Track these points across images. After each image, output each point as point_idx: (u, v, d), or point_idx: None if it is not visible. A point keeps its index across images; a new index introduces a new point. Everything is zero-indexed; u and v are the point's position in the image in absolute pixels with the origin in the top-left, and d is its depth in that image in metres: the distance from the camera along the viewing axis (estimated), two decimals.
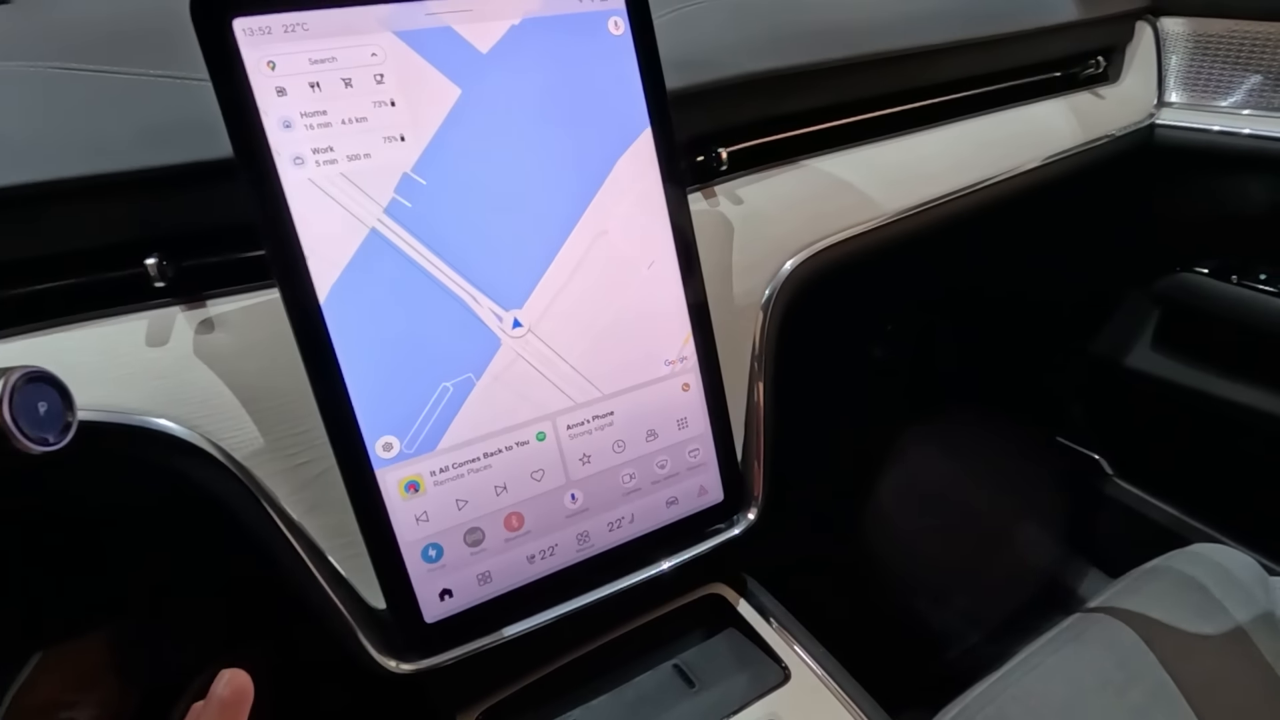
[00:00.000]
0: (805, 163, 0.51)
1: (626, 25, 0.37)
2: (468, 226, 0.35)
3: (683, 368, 0.42)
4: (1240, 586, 0.60)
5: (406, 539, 0.36)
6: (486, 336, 0.36)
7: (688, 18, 0.45)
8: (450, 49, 0.34)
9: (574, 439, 0.39)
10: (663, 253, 0.40)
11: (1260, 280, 0.70)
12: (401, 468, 0.35)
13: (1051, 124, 0.65)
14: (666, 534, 0.43)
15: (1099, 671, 0.54)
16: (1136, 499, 0.89)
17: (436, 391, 0.35)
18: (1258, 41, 0.65)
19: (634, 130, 0.38)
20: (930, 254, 0.71)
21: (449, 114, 0.34)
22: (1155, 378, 0.80)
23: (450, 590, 0.37)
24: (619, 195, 0.38)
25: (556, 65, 0.36)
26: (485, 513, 0.37)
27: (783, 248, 0.48)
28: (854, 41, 0.51)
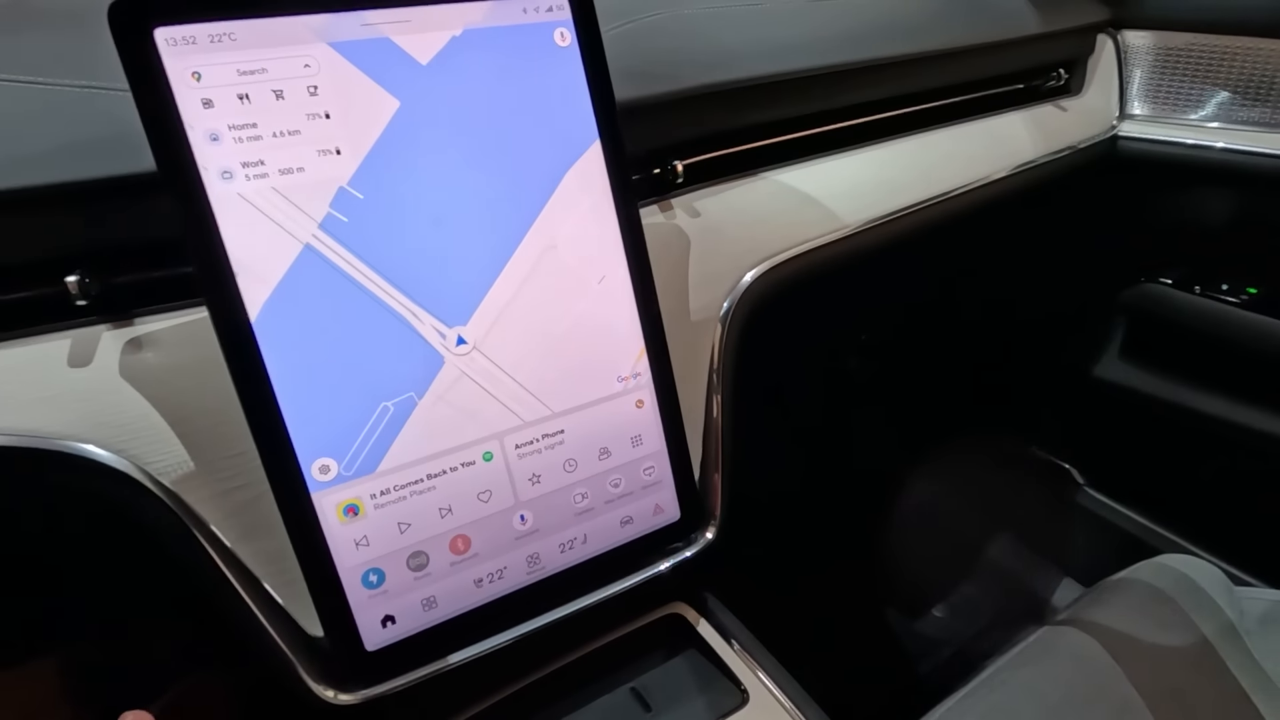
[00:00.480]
0: (766, 175, 0.51)
1: (573, 36, 0.37)
2: (408, 241, 0.34)
3: (636, 384, 0.41)
4: (1205, 597, 0.60)
5: (345, 564, 0.34)
6: (428, 354, 0.35)
7: (643, 29, 0.45)
8: (388, 60, 0.33)
9: (523, 459, 0.38)
10: (614, 267, 0.39)
11: (1222, 290, 0.71)
12: (339, 491, 0.34)
13: (1014, 136, 0.65)
14: (621, 554, 0.42)
15: (1064, 686, 0.54)
16: (1108, 508, 0.89)
17: (376, 411, 0.34)
18: (1216, 55, 0.66)
19: (582, 143, 0.38)
20: (895, 266, 0.71)
21: (387, 127, 0.33)
22: (1123, 387, 0.80)
23: (393, 616, 0.36)
24: (567, 208, 0.38)
25: (500, 77, 0.35)
26: (429, 536, 0.36)
27: (741, 260, 0.48)
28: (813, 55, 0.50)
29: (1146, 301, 0.76)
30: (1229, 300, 0.71)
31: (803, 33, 0.51)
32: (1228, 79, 0.67)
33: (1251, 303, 0.69)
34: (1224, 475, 0.78)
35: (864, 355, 0.82)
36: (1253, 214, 0.68)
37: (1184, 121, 0.70)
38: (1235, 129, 0.67)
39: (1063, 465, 0.93)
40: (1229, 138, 0.67)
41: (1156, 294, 0.74)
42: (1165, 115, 0.71)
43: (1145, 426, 0.82)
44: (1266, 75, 0.65)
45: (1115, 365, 0.82)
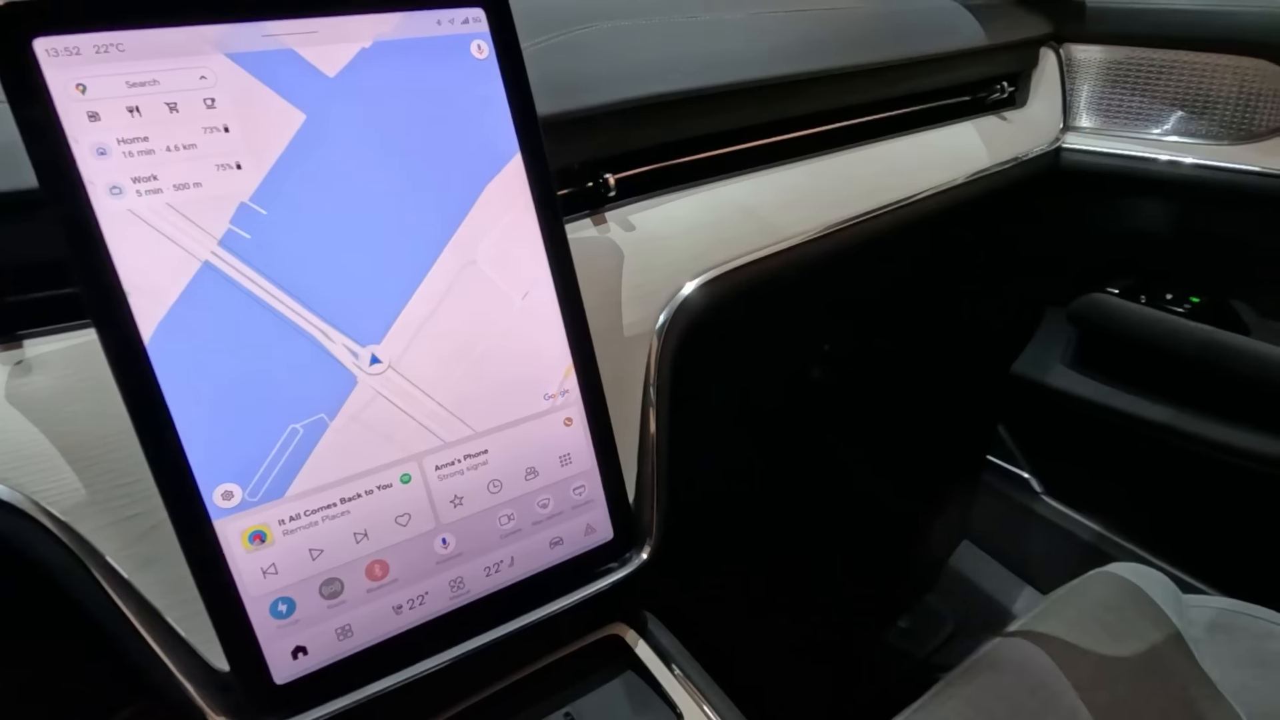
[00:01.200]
0: (705, 188, 0.51)
1: (491, 49, 0.36)
2: (316, 258, 0.33)
3: (564, 401, 0.40)
4: (1153, 606, 0.60)
5: (251, 594, 0.33)
6: (340, 374, 0.34)
7: (570, 43, 0.44)
8: (292, 73, 0.32)
9: (444, 480, 0.37)
10: (539, 282, 0.39)
11: (1167, 300, 0.72)
12: (244, 517, 0.32)
13: (959, 147, 0.65)
14: (551, 576, 0.41)
15: (1012, 699, 0.53)
16: (1064, 516, 0.90)
17: (284, 434, 0.33)
18: (1155, 68, 0.67)
19: (503, 156, 0.37)
20: (844, 278, 0.71)
21: (292, 141, 0.32)
22: (1075, 396, 0.81)
23: (304, 647, 0.34)
24: (488, 223, 0.37)
25: (413, 89, 0.34)
26: (343, 562, 0.35)
27: (679, 273, 0.47)
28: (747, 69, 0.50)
29: (1094, 311, 0.76)
30: (1174, 310, 0.72)
31: (739, 46, 0.51)
32: (1166, 92, 0.68)
33: (1195, 312, 0.70)
34: (1173, 482, 0.79)
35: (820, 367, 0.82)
36: (1194, 225, 0.69)
37: (1126, 134, 0.71)
38: (1175, 141, 0.68)
39: (1021, 474, 0.94)
40: (1170, 150, 0.68)
41: (1104, 304, 0.75)
42: (1108, 128, 0.72)
43: (1098, 435, 0.83)
44: (1203, 89, 0.66)
45: (1067, 374, 0.83)
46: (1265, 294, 0.68)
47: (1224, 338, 0.66)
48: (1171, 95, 0.68)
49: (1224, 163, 0.64)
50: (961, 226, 0.72)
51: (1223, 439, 0.70)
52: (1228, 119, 0.65)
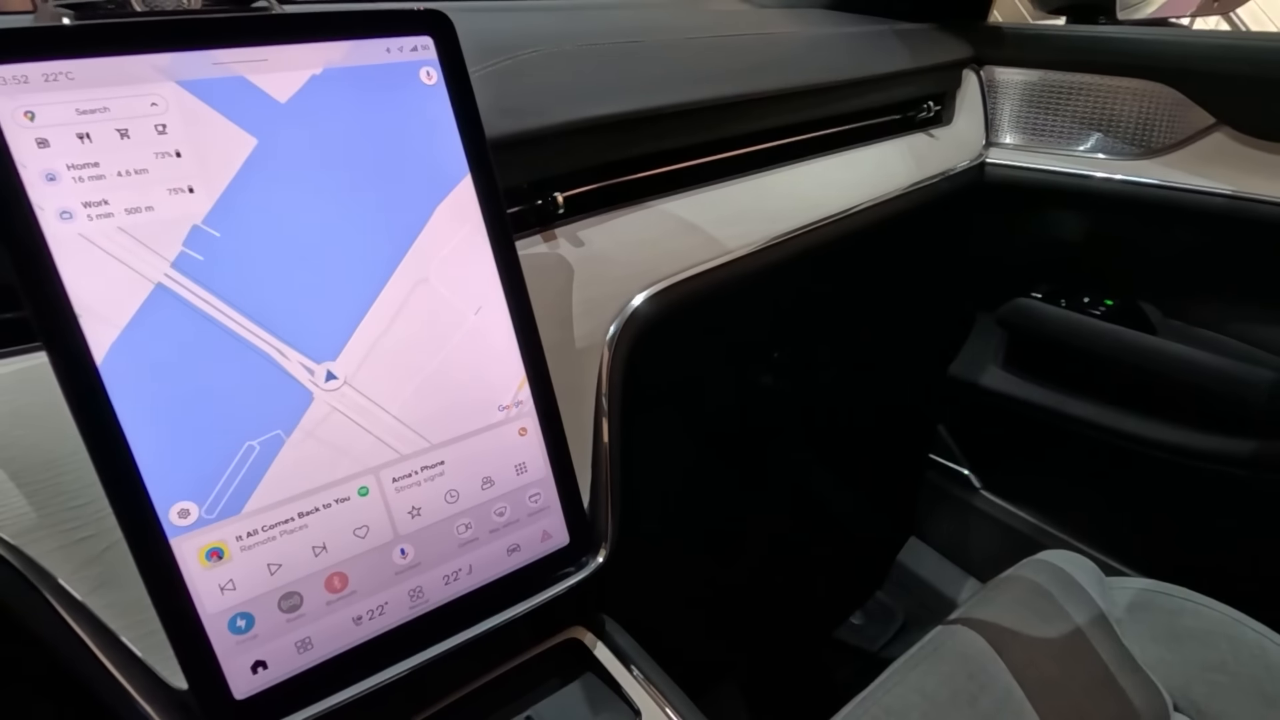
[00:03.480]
0: (651, 205, 0.53)
1: (439, 75, 0.38)
2: (271, 279, 0.34)
3: (519, 412, 0.41)
4: (1080, 590, 0.65)
5: (209, 611, 0.33)
6: (296, 391, 0.35)
7: (518, 66, 0.46)
8: (243, 99, 0.33)
9: (401, 492, 0.38)
10: (490, 298, 0.40)
11: (1084, 303, 0.77)
12: (200, 535, 0.33)
13: (890, 163, 0.69)
14: (509, 583, 0.42)
15: (952, 683, 0.56)
16: (1002, 509, 0.95)
17: (240, 451, 0.34)
18: (1064, 90, 0.73)
19: (453, 178, 0.38)
20: (786, 287, 0.74)
21: (244, 164, 0.33)
22: (1007, 395, 0.86)
23: (264, 662, 0.35)
24: (439, 242, 0.38)
25: (364, 115, 0.36)
26: (302, 575, 0.36)
27: (627, 286, 0.49)
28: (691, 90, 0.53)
29: (1020, 315, 0.81)
30: (1091, 312, 0.77)
31: (679, 69, 0.53)
32: (1076, 112, 0.73)
33: (1109, 314, 0.76)
34: (1097, 474, 0.84)
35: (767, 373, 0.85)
36: (1104, 233, 0.75)
37: (1044, 150, 0.77)
38: (1086, 156, 0.74)
39: (961, 471, 0.98)
40: (1081, 164, 0.73)
41: (1028, 308, 0.80)
42: (1028, 144, 0.78)
43: (1029, 431, 0.88)
44: (1108, 108, 0.71)
45: (999, 375, 0.88)
46: (1166, 296, 0.74)
47: (1132, 337, 0.72)
48: (1081, 115, 0.73)
49: (1127, 176, 0.69)
50: (895, 237, 0.76)
51: (1136, 431, 0.75)
52: (1130, 136, 0.70)
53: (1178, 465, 0.74)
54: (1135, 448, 0.76)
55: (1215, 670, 0.58)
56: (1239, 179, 0.63)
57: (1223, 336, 0.71)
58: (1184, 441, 0.73)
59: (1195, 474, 0.74)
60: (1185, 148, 0.66)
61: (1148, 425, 0.75)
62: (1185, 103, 0.66)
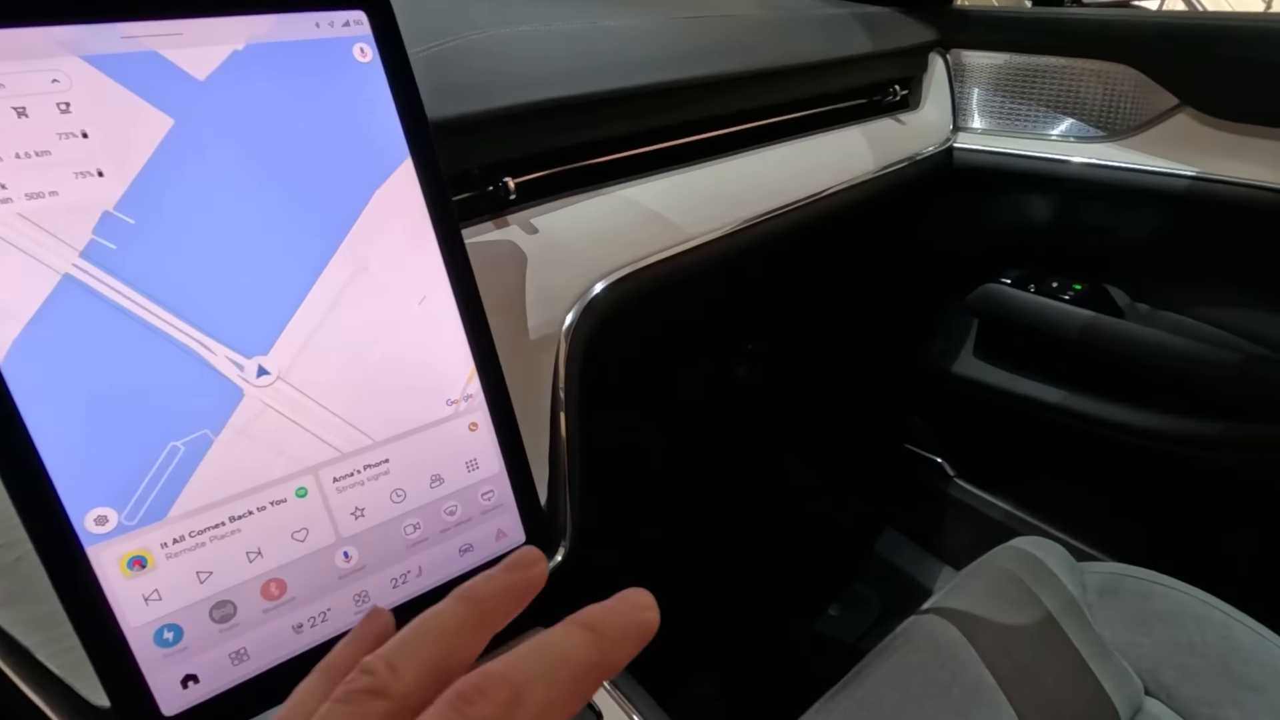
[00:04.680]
0: (609, 191, 0.51)
1: (375, 52, 0.36)
2: (193, 268, 0.32)
3: (468, 406, 0.40)
4: (1051, 576, 0.64)
5: (132, 623, 0.31)
6: (224, 387, 0.33)
7: (462, 48, 0.44)
8: (158, 76, 0.31)
9: (342, 492, 0.36)
10: (435, 286, 0.38)
11: (1053, 288, 0.77)
12: (120, 542, 0.31)
13: (857, 148, 0.68)
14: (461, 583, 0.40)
15: (924, 673, 0.56)
16: (976, 497, 0.95)
17: (164, 453, 0.32)
18: (1030, 72, 0.72)
19: (392, 161, 0.36)
20: (753, 274, 0.73)
21: (160, 146, 0.31)
22: (979, 383, 0.86)
23: (195, 675, 0.33)
24: (379, 229, 0.36)
25: (292, 93, 0.34)
26: (236, 583, 0.34)
27: (585, 274, 0.47)
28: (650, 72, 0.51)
29: (990, 301, 0.81)
30: (1060, 297, 0.77)
31: (638, 52, 0.52)
32: (1043, 95, 0.73)
33: (1077, 298, 0.75)
34: (1068, 459, 0.84)
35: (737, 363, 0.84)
36: (1072, 216, 0.74)
37: (1011, 133, 0.76)
38: (1054, 139, 0.73)
39: (934, 459, 0.98)
40: (1048, 148, 0.73)
41: (998, 294, 0.80)
42: (995, 128, 0.77)
43: (1002, 418, 0.88)
44: (1074, 91, 0.71)
45: (972, 363, 0.87)
46: (1133, 279, 0.74)
47: (1100, 322, 0.72)
48: (1047, 98, 0.73)
49: (1092, 159, 0.69)
50: (862, 223, 0.75)
51: (1105, 416, 0.75)
52: (1095, 119, 0.70)
53: (1146, 449, 0.74)
54: (1104, 432, 0.76)
55: (1184, 652, 0.58)
56: (1202, 160, 0.62)
57: (1188, 319, 0.71)
58: (1151, 425, 0.73)
59: (1163, 457, 0.74)
60: (1150, 129, 0.66)
61: (1116, 410, 0.75)
62: (1149, 84, 0.66)
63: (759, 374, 0.82)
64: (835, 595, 1.05)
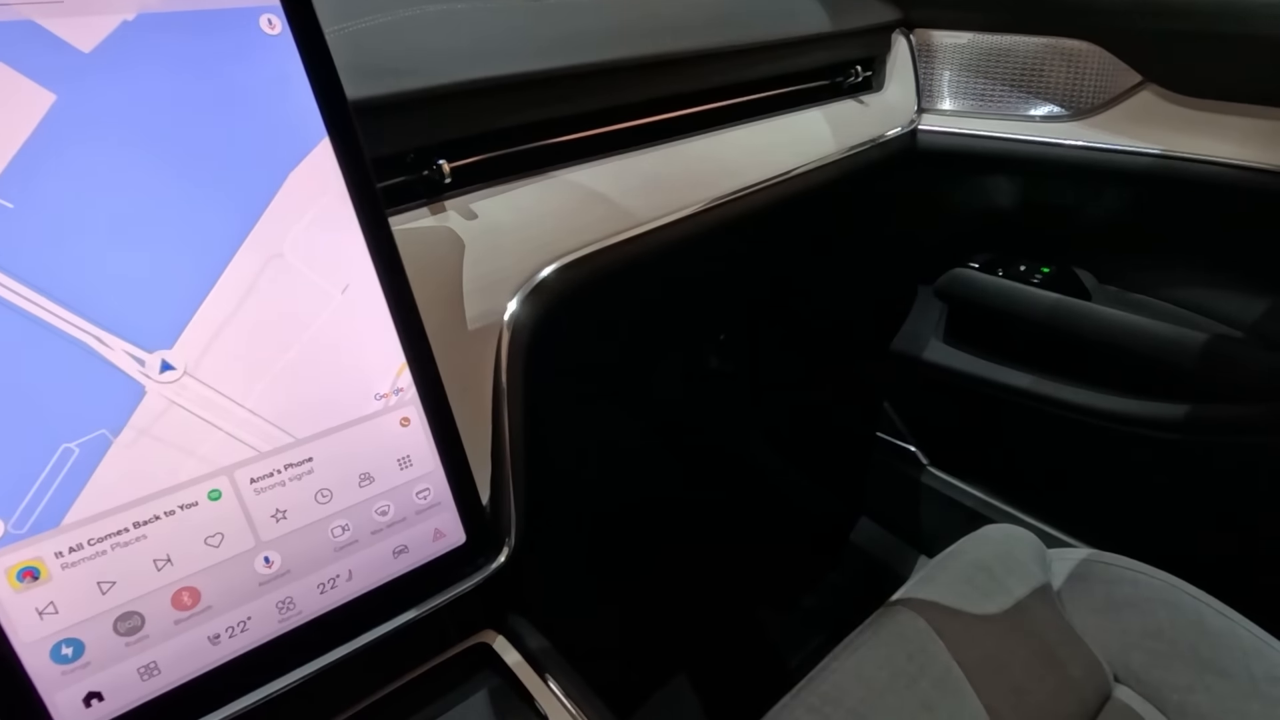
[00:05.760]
0: (555, 175, 0.49)
1: (284, 23, 0.33)
2: (83, 256, 0.30)
3: (399, 400, 0.38)
4: (1020, 564, 0.63)
5: (24, 639, 0.29)
6: (123, 384, 0.30)
7: (380, 27, 0.42)
8: (36, 47, 0.28)
9: (261, 494, 0.34)
10: (359, 274, 0.36)
11: (1021, 271, 0.76)
12: (8, 553, 0.29)
13: (818, 131, 0.67)
14: (398, 587, 0.38)
15: (891, 665, 0.54)
16: (949, 485, 0.94)
17: (55, 456, 0.29)
18: (993, 51, 0.71)
19: (307, 141, 0.34)
20: (710, 259, 0.72)
21: (40, 124, 0.29)
22: (949, 369, 0.84)
23: (99, 693, 0.31)
24: (294, 213, 0.34)
25: (191, 67, 0.31)
26: (142, 593, 0.31)
27: (526, 262, 0.45)
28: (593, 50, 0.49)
29: (958, 286, 0.80)
30: (1030, 281, 0.76)
31: (580, 28, 0.50)
32: (1007, 74, 0.72)
33: (1045, 282, 0.74)
34: (1038, 444, 0.83)
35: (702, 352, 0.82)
36: (1038, 198, 0.73)
37: (977, 114, 0.75)
38: (1019, 119, 0.72)
39: (907, 448, 0.97)
40: (1014, 128, 0.72)
41: (966, 278, 0.79)
42: (959, 109, 0.76)
43: (972, 405, 0.87)
44: (1038, 69, 0.70)
45: (941, 349, 0.86)
46: (1100, 261, 0.73)
47: (1068, 305, 0.71)
48: (1012, 78, 0.72)
49: (1057, 139, 0.68)
50: (823, 207, 0.74)
51: (1075, 400, 0.74)
52: (1060, 98, 0.69)
53: (1116, 433, 0.74)
54: (1074, 416, 0.75)
55: (1154, 638, 0.57)
56: (1166, 138, 0.61)
57: (1156, 300, 0.71)
58: (1120, 409, 0.72)
59: (1133, 441, 0.73)
60: (1114, 108, 0.65)
61: (1086, 394, 0.74)
62: (1113, 62, 0.65)
63: (721, 363, 0.80)
64: (810, 585, 1.04)
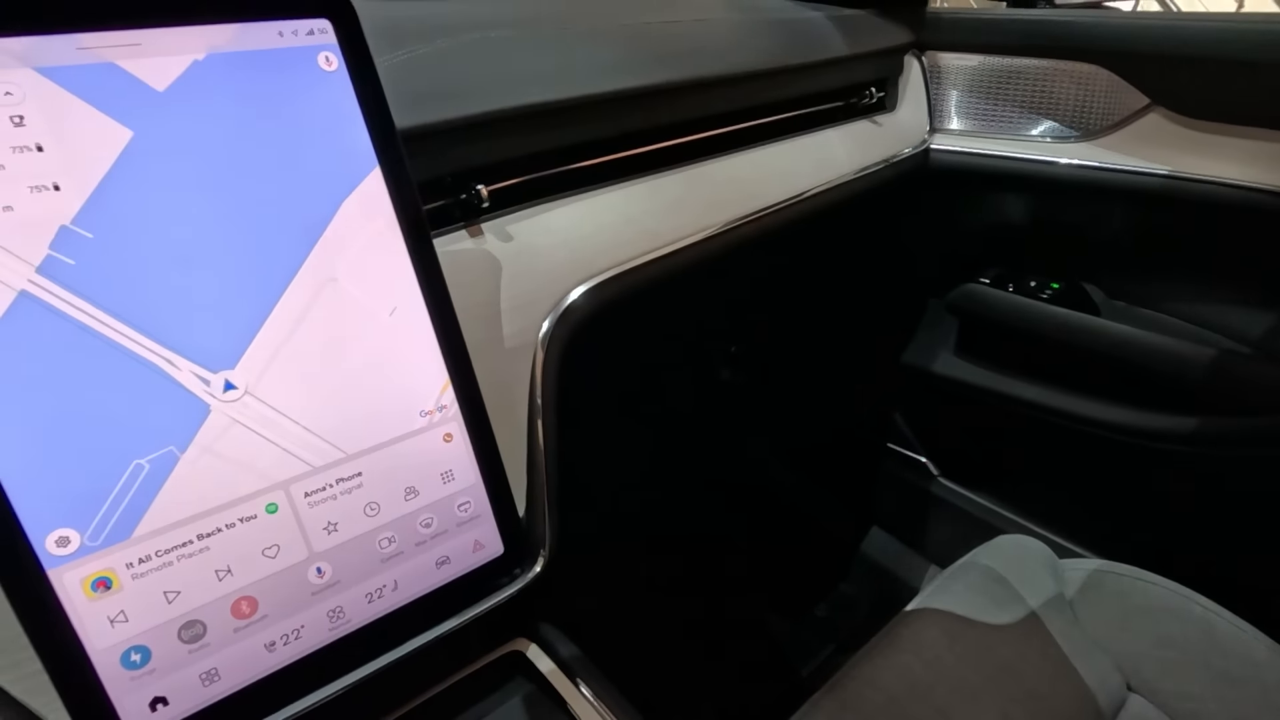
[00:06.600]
0: (585, 197, 0.51)
1: (340, 61, 0.35)
2: (155, 283, 0.31)
3: (442, 417, 0.39)
4: (1033, 573, 0.65)
5: (98, 646, 0.31)
6: (190, 403, 0.32)
7: (431, 55, 0.44)
8: (116, 87, 0.30)
9: (314, 507, 0.36)
10: (407, 297, 0.38)
11: (1031, 287, 0.77)
12: (84, 564, 0.30)
13: (834, 151, 0.68)
14: (440, 597, 0.40)
15: (908, 674, 0.56)
16: (959, 495, 0.95)
17: (128, 471, 0.31)
18: (1003, 73, 0.73)
19: (360, 171, 0.36)
20: (732, 278, 0.73)
21: (119, 159, 0.30)
22: (960, 381, 0.86)
23: (164, 698, 0.32)
24: (348, 240, 0.36)
25: (255, 104, 0.33)
26: (205, 602, 0.33)
27: (560, 282, 0.47)
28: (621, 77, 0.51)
29: (969, 301, 0.81)
30: (1039, 296, 0.78)
31: (609, 56, 0.51)
32: (1017, 96, 0.73)
33: (1055, 297, 0.76)
34: (1049, 457, 0.85)
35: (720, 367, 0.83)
36: (1047, 216, 0.75)
37: (987, 134, 0.77)
38: (1028, 140, 0.74)
39: (919, 459, 0.98)
40: (1023, 148, 0.74)
41: (977, 293, 0.80)
42: (970, 129, 0.78)
43: (983, 417, 0.88)
44: (1048, 92, 0.72)
45: (953, 362, 0.88)
46: (1108, 277, 0.75)
47: (1078, 319, 0.72)
48: (1021, 99, 0.73)
49: (1066, 159, 0.70)
50: (841, 226, 0.76)
51: (1085, 413, 0.76)
52: (1069, 119, 0.70)
53: (1125, 445, 0.75)
54: (1084, 429, 0.76)
55: (1166, 647, 0.58)
56: (1174, 159, 0.63)
57: (1164, 315, 0.72)
58: (1129, 421, 0.74)
59: (1142, 453, 0.74)
60: (1122, 129, 0.66)
61: (1094, 406, 0.76)
62: (1121, 84, 0.66)
63: (741, 376, 0.82)
64: (821, 595, 1.05)
